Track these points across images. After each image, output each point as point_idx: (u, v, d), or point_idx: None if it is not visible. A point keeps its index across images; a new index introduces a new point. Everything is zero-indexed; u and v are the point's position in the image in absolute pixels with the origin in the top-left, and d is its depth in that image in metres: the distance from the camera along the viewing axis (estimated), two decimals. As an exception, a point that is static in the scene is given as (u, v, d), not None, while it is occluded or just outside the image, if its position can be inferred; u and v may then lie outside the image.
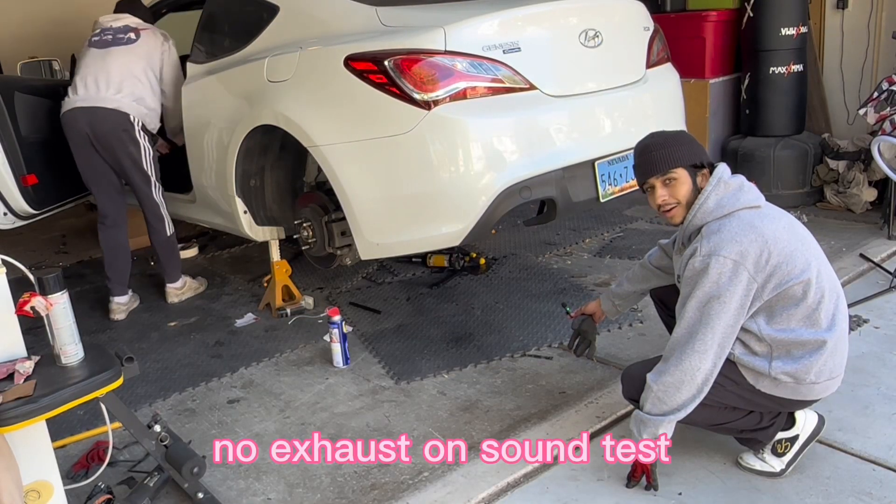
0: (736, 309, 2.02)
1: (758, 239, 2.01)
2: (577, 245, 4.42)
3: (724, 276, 2.00)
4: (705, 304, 2.03)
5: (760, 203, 2.13)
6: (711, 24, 4.99)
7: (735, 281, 2.00)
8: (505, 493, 2.28)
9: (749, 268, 2.00)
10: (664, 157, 2.16)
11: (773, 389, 2.12)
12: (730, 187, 2.12)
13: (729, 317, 2.02)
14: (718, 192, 2.11)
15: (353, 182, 2.92)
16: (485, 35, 2.84)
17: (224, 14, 3.77)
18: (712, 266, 2.01)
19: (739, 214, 2.07)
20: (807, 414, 2.27)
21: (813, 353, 2.08)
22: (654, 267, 2.57)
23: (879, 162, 3.85)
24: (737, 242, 2.01)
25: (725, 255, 2.00)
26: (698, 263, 2.04)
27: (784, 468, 2.23)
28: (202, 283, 4.27)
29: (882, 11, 4.85)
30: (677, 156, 2.16)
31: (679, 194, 2.16)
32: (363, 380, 3.07)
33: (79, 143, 3.68)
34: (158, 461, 2.32)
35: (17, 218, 3.84)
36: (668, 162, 2.15)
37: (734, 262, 2.00)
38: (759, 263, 2.01)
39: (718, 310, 2.02)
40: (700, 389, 2.06)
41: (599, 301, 2.74)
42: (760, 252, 2.01)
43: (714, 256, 2.01)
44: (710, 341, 2.03)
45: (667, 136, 2.22)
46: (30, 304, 1.96)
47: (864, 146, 4.52)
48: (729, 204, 2.09)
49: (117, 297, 3.93)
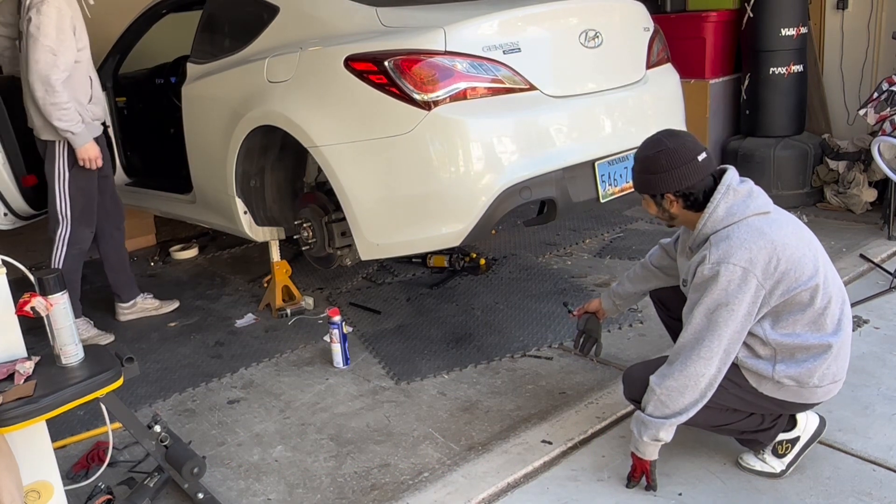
0: (743, 316, 2.02)
1: (767, 246, 2.01)
2: (578, 245, 4.42)
3: (734, 284, 2.00)
4: (713, 310, 2.03)
5: (769, 209, 2.12)
6: (711, 25, 4.98)
7: (744, 288, 2.00)
8: (505, 494, 2.28)
9: (758, 275, 2.00)
10: (636, 181, 2.24)
11: (775, 392, 2.12)
12: (739, 194, 2.11)
13: (736, 324, 2.02)
14: (728, 200, 2.10)
15: (354, 182, 2.92)
16: (485, 35, 2.84)
17: (224, 14, 3.77)
18: (722, 273, 2.00)
19: (748, 221, 2.06)
20: (808, 415, 2.27)
21: (817, 357, 2.08)
22: (655, 267, 2.57)
23: (879, 162, 3.85)
24: (746, 249, 2.01)
25: (735, 262, 2.00)
26: (707, 271, 2.03)
27: (784, 469, 2.23)
28: (163, 305, 4.01)
29: (882, 12, 4.85)
30: (637, 183, 2.23)
31: (650, 211, 2.24)
32: (363, 380, 3.07)
33: None
34: (158, 461, 2.32)
35: (17, 218, 3.84)
36: (637, 186, 2.24)
37: (743, 269, 1.99)
38: (768, 270, 2.01)
39: (726, 317, 2.02)
40: (703, 394, 2.06)
41: (600, 300, 2.74)
42: (769, 259, 2.01)
43: (723, 264, 2.01)
44: (716, 348, 2.03)
45: (640, 157, 2.20)
46: (30, 305, 1.96)
47: (864, 147, 4.52)
48: (739, 211, 2.08)
49: (121, 303, 3.95)
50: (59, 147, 3.41)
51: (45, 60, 3.18)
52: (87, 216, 3.54)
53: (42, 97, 3.22)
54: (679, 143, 2.13)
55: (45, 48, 3.17)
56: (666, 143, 2.14)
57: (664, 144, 2.14)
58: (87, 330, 3.62)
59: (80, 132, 3.34)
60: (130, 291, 3.91)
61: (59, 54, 3.21)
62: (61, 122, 3.27)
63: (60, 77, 3.23)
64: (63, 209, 3.48)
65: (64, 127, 3.28)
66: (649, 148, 2.17)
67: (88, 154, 3.40)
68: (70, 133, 3.31)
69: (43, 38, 3.16)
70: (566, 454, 2.44)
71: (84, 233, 3.55)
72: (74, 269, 3.56)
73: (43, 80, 3.19)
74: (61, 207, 3.48)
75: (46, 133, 3.38)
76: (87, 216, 3.55)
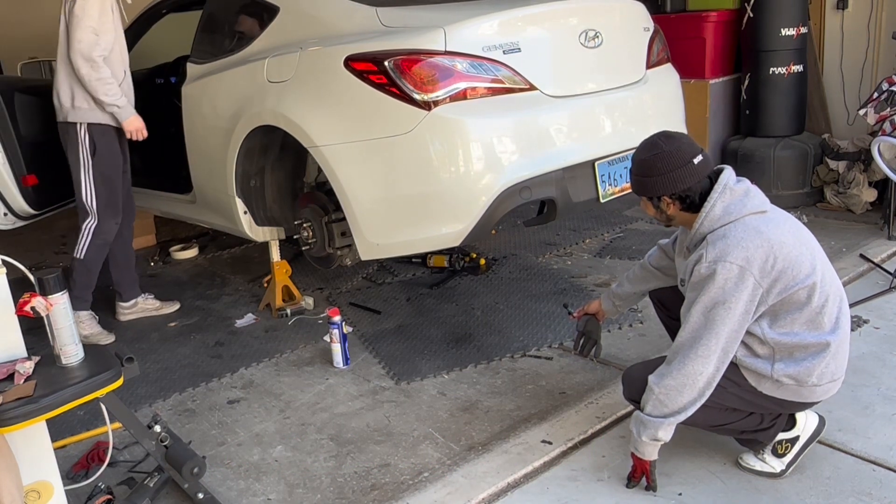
0: (741, 314, 2.02)
1: (763, 244, 2.01)
2: (577, 245, 4.42)
3: (730, 282, 2.00)
4: (710, 309, 2.03)
5: (766, 208, 2.12)
6: (711, 25, 4.98)
7: (741, 287, 2.00)
8: (505, 494, 2.28)
9: (755, 273, 2.00)
10: (634, 183, 2.26)
11: (774, 391, 2.12)
12: (736, 193, 2.11)
13: (734, 322, 2.02)
14: (725, 199, 2.10)
15: (354, 182, 2.92)
16: (485, 35, 2.84)
17: (224, 15, 3.77)
18: (718, 272, 2.01)
19: (745, 220, 2.07)
20: (807, 415, 2.27)
21: (816, 356, 2.08)
22: (654, 268, 2.57)
23: (879, 162, 3.85)
24: (743, 248, 2.01)
25: (731, 260, 2.00)
26: (704, 269, 2.03)
27: (784, 469, 2.23)
28: (164, 306, 4.00)
29: (882, 12, 4.85)
30: (634, 186, 2.25)
31: (648, 212, 2.27)
32: (363, 380, 3.07)
33: None
34: (158, 461, 2.32)
35: (17, 218, 3.84)
36: (635, 188, 2.26)
37: (740, 267, 2.00)
38: (765, 269, 2.01)
39: (723, 315, 2.02)
40: (702, 393, 2.06)
41: (600, 301, 2.74)
42: (766, 257, 2.01)
43: (720, 262, 2.01)
44: (713, 346, 2.03)
45: (636, 160, 2.21)
46: (30, 305, 1.96)
47: (864, 147, 4.52)
48: (735, 210, 2.08)
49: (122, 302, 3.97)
50: (81, 132, 3.48)
51: (87, 40, 3.31)
52: (112, 207, 3.62)
53: (87, 73, 3.34)
54: (675, 147, 2.12)
55: (88, 28, 3.31)
56: (662, 145, 2.13)
57: (660, 147, 2.13)
58: (91, 325, 3.66)
59: (124, 105, 3.48)
60: (132, 291, 3.93)
61: (100, 34, 3.35)
62: (107, 96, 3.39)
63: (102, 55, 3.36)
64: (89, 200, 3.57)
65: (110, 101, 3.41)
66: (645, 151, 2.17)
67: (134, 125, 3.53)
68: (116, 107, 3.44)
69: (87, 18, 3.30)
70: (566, 454, 2.44)
71: (110, 224, 3.63)
72: (97, 259, 3.64)
73: (86, 58, 3.32)
74: (87, 199, 3.57)
75: (73, 115, 3.46)
76: (113, 207, 3.63)
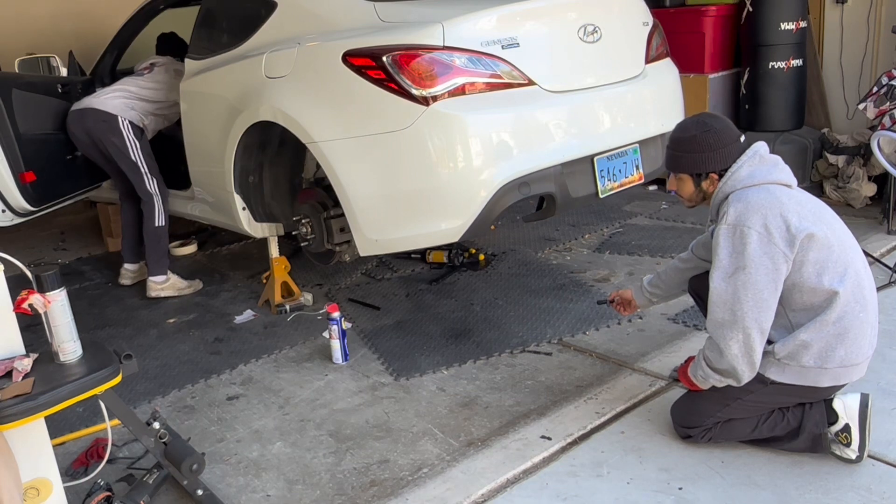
0: (764, 277, 2.06)
1: (782, 212, 2.07)
2: (577, 241, 4.42)
3: (751, 246, 2.05)
4: (732, 274, 2.08)
5: (792, 183, 2.19)
6: (711, 19, 4.98)
7: (760, 250, 2.05)
8: (504, 489, 2.28)
9: (775, 239, 2.05)
10: (671, 159, 2.31)
11: (780, 376, 2.16)
12: (766, 161, 2.19)
13: (759, 286, 2.06)
14: (752, 164, 2.18)
15: (352, 178, 2.92)
16: (483, 30, 2.84)
17: (222, 10, 3.76)
18: (736, 235, 2.07)
19: (768, 187, 2.13)
20: (844, 400, 2.26)
21: (815, 333, 2.11)
22: (687, 258, 2.62)
23: (879, 157, 3.85)
24: (761, 215, 2.06)
25: (749, 225, 2.06)
26: (724, 231, 2.10)
27: (859, 454, 2.22)
28: (192, 285, 4.14)
29: (882, 6, 4.84)
30: (681, 163, 2.29)
31: (683, 192, 2.32)
32: (362, 376, 3.07)
33: None
34: (157, 458, 2.32)
35: (15, 215, 3.84)
36: (673, 166, 2.31)
37: (758, 233, 2.05)
38: (786, 236, 2.06)
39: (744, 280, 2.06)
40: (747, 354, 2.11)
41: (632, 292, 2.79)
42: (786, 226, 2.06)
43: (738, 226, 2.08)
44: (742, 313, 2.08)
45: (684, 138, 2.26)
46: (28, 302, 1.96)
47: (864, 141, 4.51)
48: (760, 175, 2.15)
49: (127, 263, 4.29)
50: (122, 123, 3.83)
51: None
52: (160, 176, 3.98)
53: None
54: (724, 124, 2.24)
55: None
56: (712, 123, 2.23)
57: (710, 125, 2.22)
58: (179, 280, 4.07)
59: None
60: (161, 266, 4.07)
61: None
62: None
63: None
64: (150, 184, 3.91)
65: None
66: (694, 128, 2.24)
67: None
68: None
69: None
70: (565, 450, 2.44)
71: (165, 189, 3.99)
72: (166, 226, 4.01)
73: None
74: (149, 184, 3.91)
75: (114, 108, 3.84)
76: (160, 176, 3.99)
